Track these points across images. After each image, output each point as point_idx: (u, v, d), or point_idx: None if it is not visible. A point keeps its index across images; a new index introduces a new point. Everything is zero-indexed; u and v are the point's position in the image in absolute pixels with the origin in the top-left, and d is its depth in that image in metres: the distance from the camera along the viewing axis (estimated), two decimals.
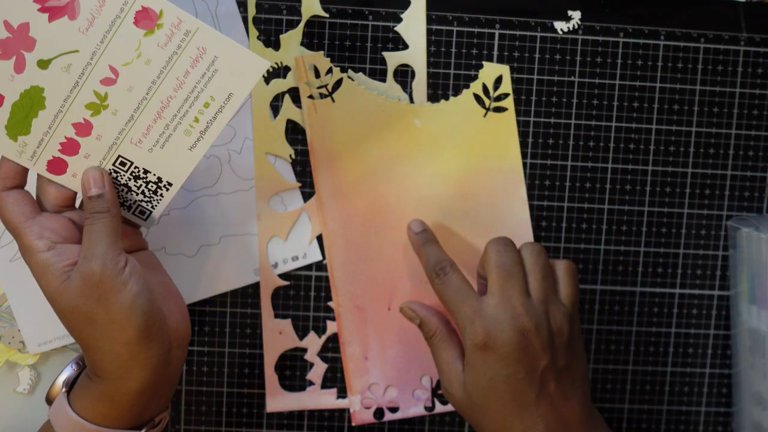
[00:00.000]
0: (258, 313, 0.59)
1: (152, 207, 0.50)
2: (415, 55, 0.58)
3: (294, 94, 0.58)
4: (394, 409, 0.60)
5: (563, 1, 0.59)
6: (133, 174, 0.49)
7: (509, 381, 0.50)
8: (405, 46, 0.58)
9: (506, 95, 0.59)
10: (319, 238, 0.59)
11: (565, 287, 0.53)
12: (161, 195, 0.49)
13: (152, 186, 0.49)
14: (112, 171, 0.48)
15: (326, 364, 0.60)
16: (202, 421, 0.60)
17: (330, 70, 0.57)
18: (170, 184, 0.49)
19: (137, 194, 0.49)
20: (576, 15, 0.59)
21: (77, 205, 0.51)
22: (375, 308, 0.59)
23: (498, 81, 0.59)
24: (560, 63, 0.59)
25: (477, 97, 0.59)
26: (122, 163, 0.48)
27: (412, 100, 0.58)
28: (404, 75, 0.59)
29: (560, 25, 0.59)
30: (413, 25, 0.58)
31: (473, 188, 0.59)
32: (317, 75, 0.57)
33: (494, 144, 0.59)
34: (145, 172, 0.49)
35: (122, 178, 0.49)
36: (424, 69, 0.58)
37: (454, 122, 0.58)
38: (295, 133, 0.58)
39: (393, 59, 0.58)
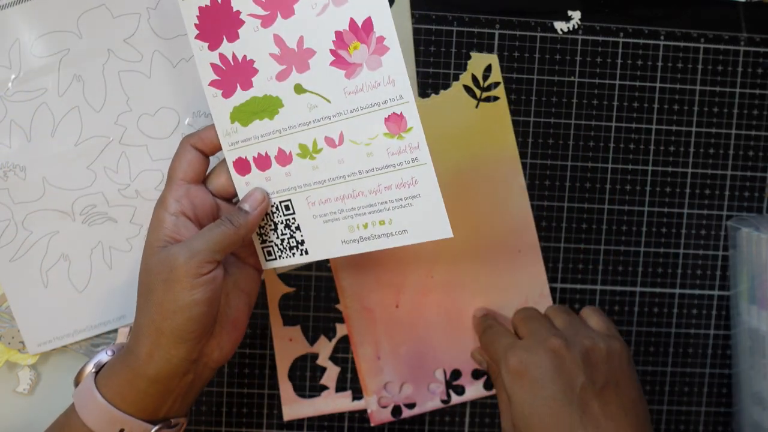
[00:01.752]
0: (258, 312, 0.59)
1: (278, 256, 0.51)
2: (403, 52, 0.58)
3: None
4: (411, 405, 0.60)
5: (563, 1, 0.59)
6: (288, 222, 0.50)
7: (549, 404, 0.49)
8: None
9: (497, 84, 0.59)
10: None
11: (592, 319, 0.55)
12: (293, 254, 0.50)
13: (293, 242, 0.50)
14: (275, 205, 0.50)
15: (338, 367, 0.60)
16: (201, 421, 0.60)
17: None
18: (306, 253, 0.50)
19: (277, 238, 0.50)
20: (576, 15, 0.59)
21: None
22: (383, 307, 0.59)
23: (487, 70, 0.59)
24: (560, 63, 0.59)
25: (467, 89, 0.59)
26: (287, 207, 0.49)
27: None
28: None
29: (560, 25, 0.59)
30: (398, 21, 0.58)
31: (472, 179, 0.59)
32: None
33: (489, 133, 0.59)
34: (297, 228, 0.50)
35: (277, 218, 0.50)
36: (413, 65, 0.58)
37: (447, 115, 0.59)
38: None
39: None
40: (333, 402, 0.60)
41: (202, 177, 0.50)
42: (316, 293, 0.59)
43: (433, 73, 0.59)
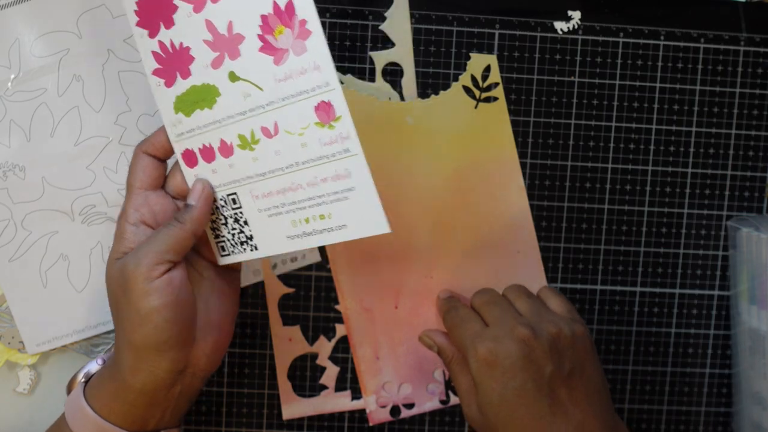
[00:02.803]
0: (257, 313, 0.59)
1: (231, 252, 0.50)
2: (402, 52, 0.58)
3: None
4: (409, 406, 0.60)
5: (563, 1, 0.59)
6: (236, 216, 0.49)
7: (519, 393, 0.49)
8: (392, 45, 0.58)
9: (496, 84, 0.59)
10: None
11: (552, 301, 0.55)
12: (244, 250, 0.49)
13: (243, 237, 0.49)
14: (223, 199, 0.49)
15: (338, 367, 0.60)
16: (201, 421, 0.60)
17: None
18: (256, 249, 0.49)
19: (228, 233, 0.50)
20: (576, 15, 0.59)
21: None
22: (382, 308, 0.59)
23: (486, 71, 0.59)
24: (560, 63, 0.59)
25: (467, 89, 0.59)
26: (233, 201, 0.48)
27: (402, 98, 0.58)
28: (393, 74, 0.58)
29: (560, 25, 0.59)
30: (398, 22, 0.58)
31: (471, 180, 0.59)
32: None
33: (488, 134, 0.59)
34: (245, 223, 0.49)
35: (227, 212, 0.49)
36: (412, 66, 0.58)
37: (446, 116, 0.59)
38: None
39: (380, 58, 0.58)
40: (332, 401, 0.60)
41: (161, 182, 0.49)
42: (315, 293, 0.59)
43: (432, 73, 0.59)
